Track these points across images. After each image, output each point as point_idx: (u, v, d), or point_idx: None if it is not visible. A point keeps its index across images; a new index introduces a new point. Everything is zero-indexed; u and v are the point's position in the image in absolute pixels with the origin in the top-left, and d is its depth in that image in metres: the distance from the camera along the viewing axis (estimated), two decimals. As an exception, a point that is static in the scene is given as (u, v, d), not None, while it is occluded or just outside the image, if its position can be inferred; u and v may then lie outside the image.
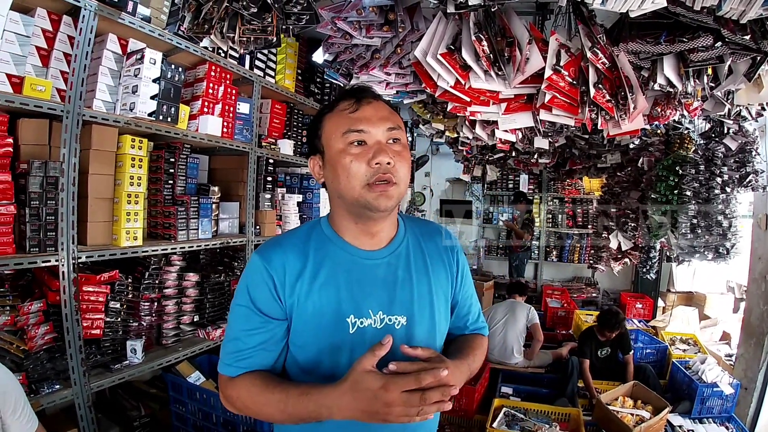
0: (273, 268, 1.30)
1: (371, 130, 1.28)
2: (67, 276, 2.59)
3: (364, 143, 1.28)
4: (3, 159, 2.42)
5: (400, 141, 1.32)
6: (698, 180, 4.04)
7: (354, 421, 1.26)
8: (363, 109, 1.30)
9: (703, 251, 4.10)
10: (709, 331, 6.45)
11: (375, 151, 1.25)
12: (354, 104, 1.31)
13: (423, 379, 1.07)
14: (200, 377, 3.30)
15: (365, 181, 1.25)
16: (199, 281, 3.66)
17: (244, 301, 1.31)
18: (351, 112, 1.30)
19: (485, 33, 2.51)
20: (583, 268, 9.14)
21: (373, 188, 1.25)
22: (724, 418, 4.30)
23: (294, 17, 2.53)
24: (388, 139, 1.29)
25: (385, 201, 1.26)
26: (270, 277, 1.29)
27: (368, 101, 1.32)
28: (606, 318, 4.81)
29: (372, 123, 1.28)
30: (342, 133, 1.28)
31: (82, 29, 2.59)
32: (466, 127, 3.84)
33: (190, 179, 3.61)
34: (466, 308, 1.57)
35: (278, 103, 4.37)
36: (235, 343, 1.30)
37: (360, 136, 1.27)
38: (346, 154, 1.27)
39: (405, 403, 1.06)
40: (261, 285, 1.30)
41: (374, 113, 1.30)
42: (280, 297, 1.29)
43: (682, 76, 2.55)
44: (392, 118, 1.32)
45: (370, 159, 1.25)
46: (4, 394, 1.83)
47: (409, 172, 1.34)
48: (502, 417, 3.85)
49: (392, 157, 1.26)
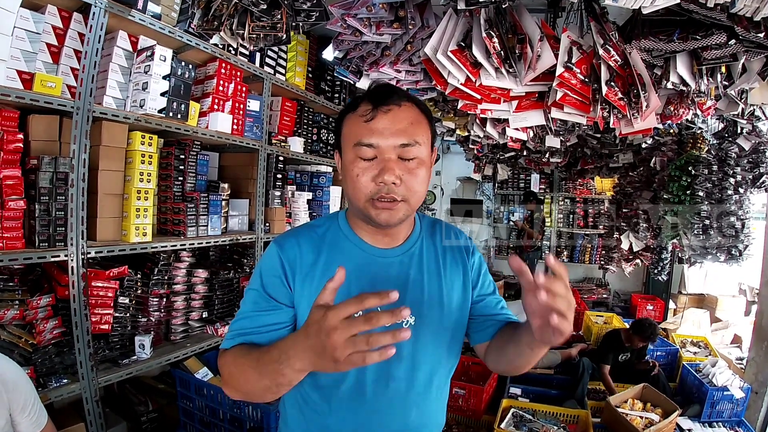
0: (286, 256, 1.32)
1: (381, 144, 1.23)
2: (76, 271, 2.61)
3: (374, 158, 1.24)
4: (13, 155, 2.43)
5: (416, 158, 1.26)
6: (711, 180, 3.99)
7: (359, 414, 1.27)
8: (378, 119, 1.24)
9: (716, 253, 4.05)
10: (720, 333, 6.42)
11: (381, 170, 1.22)
12: (371, 111, 1.25)
13: (364, 298, 0.93)
14: (208, 373, 3.31)
15: (369, 196, 1.24)
16: (208, 278, 3.66)
17: (256, 285, 1.33)
18: (366, 121, 1.25)
19: (496, 30, 2.50)
20: (594, 269, 9.11)
21: (375, 204, 1.24)
22: (734, 422, 4.26)
23: (304, 14, 2.54)
24: (400, 155, 1.24)
25: (387, 217, 1.25)
26: (282, 263, 1.31)
27: (387, 109, 1.25)
28: (642, 326, 4.74)
29: (383, 137, 1.23)
30: (353, 144, 1.26)
31: (93, 26, 2.60)
32: (476, 125, 3.82)
33: (200, 176, 3.62)
34: (495, 301, 1.52)
35: (288, 101, 4.37)
36: (239, 322, 1.30)
37: (369, 151, 1.24)
38: (354, 167, 1.25)
39: (347, 328, 0.91)
40: (273, 270, 1.32)
41: (389, 125, 1.24)
42: (290, 284, 1.31)
43: (695, 75, 2.52)
44: (410, 131, 1.25)
45: (376, 176, 1.23)
46: (14, 391, 1.83)
47: (425, 184, 1.30)
48: (510, 418, 3.82)
49: (401, 175, 1.23)
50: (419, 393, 1.36)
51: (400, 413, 1.34)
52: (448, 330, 1.40)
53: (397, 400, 1.34)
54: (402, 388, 1.33)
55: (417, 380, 1.35)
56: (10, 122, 2.46)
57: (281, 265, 1.32)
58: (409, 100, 1.30)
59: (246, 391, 1.21)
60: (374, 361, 0.92)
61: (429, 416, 1.42)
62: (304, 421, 1.39)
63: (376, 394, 1.32)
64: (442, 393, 1.48)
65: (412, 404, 1.35)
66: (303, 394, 1.37)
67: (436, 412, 1.46)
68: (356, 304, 0.92)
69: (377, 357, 0.91)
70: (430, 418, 1.43)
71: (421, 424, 1.39)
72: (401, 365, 1.32)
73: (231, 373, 1.23)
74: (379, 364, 1.16)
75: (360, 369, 1.26)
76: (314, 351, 0.97)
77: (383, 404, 1.33)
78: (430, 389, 1.39)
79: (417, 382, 1.35)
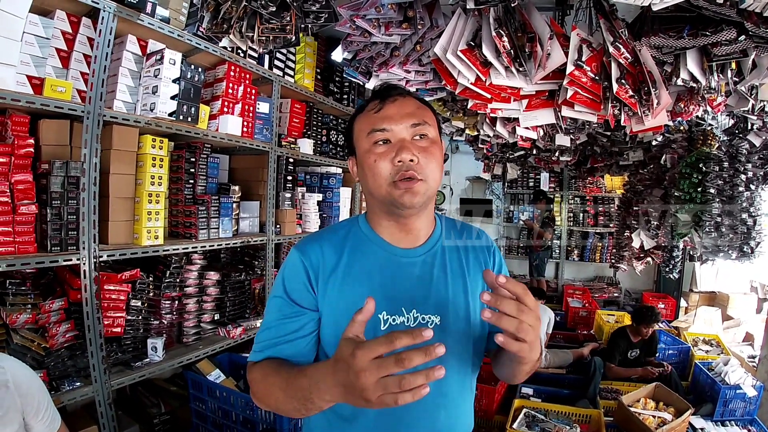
0: (309, 261, 1.33)
1: (394, 128, 1.29)
2: (88, 274, 2.61)
3: (389, 141, 1.29)
4: (24, 159, 2.44)
5: (427, 136, 1.32)
6: (722, 177, 3.97)
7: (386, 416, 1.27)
8: (387, 108, 1.31)
9: (727, 250, 4.02)
10: (732, 331, 6.38)
11: (398, 149, 1.26)
12: (378, 104, 1.33)
13: (395, 338, 0.90)
14: (220, 375, 3.31)
15: (390, 179, 1.27)
16: (219, 280, 3.67)
17: (279, 292, 1.34)
18: (375, 112, 1.32)
19: (505, 29, 2.49)
20: (605, 268, 9.08)
21: (398, 186, 1.26)
22: (746, 420, 4.25)
23: (313, 16, 2.53)
24: (413, 135, 1.30)
25: (410, 198, 1.26)
26: (305, 268, 1.32)
27: (393, 99, 1.33)
28: (642, 313, 4.81)
29: (395, 121, 1.29)
30: (367, 134, 1.31)
31: (102, 31, 2.61)
32: (486, 124, 3.81)
33: (211, 179, 3.63)
34: None
35: (298, 103, 4.37)
36: (266, 332, 1.31)
37: (383, 135, 1.29)
38: (371, 154, 1.29)
39: (377, 370, 0.89)
40: (296, 276, 1.33)
41: (398, 110, 1.31)
42: (314, 288, 1.31)
43: (706, 71, 2.50)
44: (418, 113, 1.32)
45: (393, 157, 1.26)
46: (27, 395, 1.82)
47: (439, 166, 1.33)
48: (522, 418, 3.82)
49: (416, 153, 1.26)
50: (446, 394, 1.34)
51: (428, 416, 1.32)
52: (474, 329, 1.39)
53: (425, 402, 1.31)
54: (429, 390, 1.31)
55: (444, 381, 1.32)
56: (20, 127, 2.48)
57: (304, 270, 1.32)
58: (411, 95, 1.39)
59: (275, 408, 1.24)
60: (407, 402, 0.90)
61: (457, 418, 1.39)
62: (328, 425, 1.38)
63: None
64: (470, 394, 1.46)
65: (440, 406, 1.33)
66: None
67: (465, 413, 1.43)
68: (386, 344, 0.91)
69: (410, 398, 0.90)
70: (459, 420, 1.40)
71: (450, 426, 1.37)
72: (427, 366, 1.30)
73: (260, 390, 1.25)
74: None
75: None
76: (344, 387, 0.97)
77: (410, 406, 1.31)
78: (457, 390, 1.38)
79: (444, 384, 1.29)
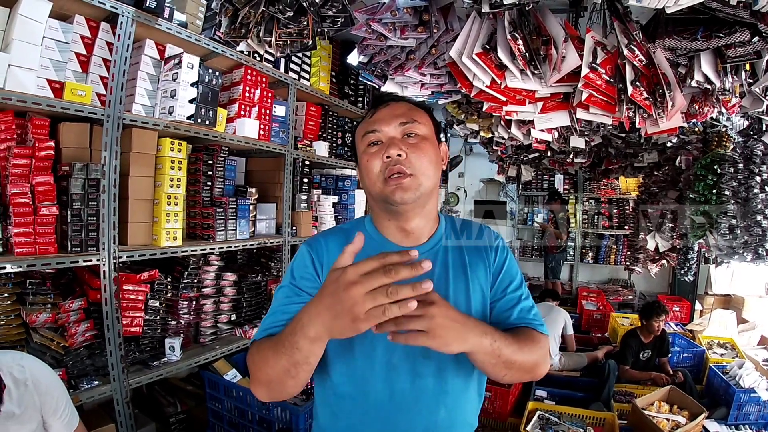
0: (315, 253, 1.40)
1: (384, 128, 1.35)
2: (107, 275, 2.66)
3: (380, 142, 1.35)
4: (45, 162, 2.49)
5: (418, 134, 1.36)
6: (737, 179, 3.94)
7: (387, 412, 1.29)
8: (379, 112, 1.39)
9: (742, 252, 4.00)
10: (747, 335, 6.31)
11: (386, 147, 1.32)
12: (372, 110, 1.42)
13: (385, 255, 0.94)
14: (237, 375, 3.34)
15: (381, 176, 1.32)
16: (236, 281, 3.72)
17: (286, 281, 1.40)
18: (369, 117, 1.41)
19: (520, 32, 2.49)
20: (620, 270, 8.98)
21: (388, 182, 1.30)
22: (761, 424, 4.21)
23: (329, 20, 2.55)
24: (402, 133, 1.35)
25: (401, 193, 1.29)
26: (311, 259, 1.39)
27: (386, 104, 1.41)
28: (648, 309, 4.79)
29: (385, 122, 1.36)
30: (362, 137, 1.40)
31: (120, 35, 2.66)
32: (501, 126, 3.82)
33: (228, 181, 3.68)
34: (512, 302, 1.43)
35: (313, 105, 4.42)
36: (270, 317, 1.33)
37: (375, 136, 1.36)
38: (365, 155, 1.36)
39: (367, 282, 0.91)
40: (303, 266, 1.39)
41: (389, 113, 1.38)
42: (320, 277, 1.37)
43: (720, 73, 2.51)
44: (408, 114, 1.37)
45: (383, 154, 1.31)
46: (46, 394, 1.84)
47: (433, 163, 1.34)
48: (536, 420, 3.81)
49: (404, 148, 1.30)
50: (447, 392, 1.35)
51: (428, 412, 1.33)
52: None
53: (425, 399, 1.33)
54: (429, 386, 1.32)
55: (445, 379, 1.34)
56: (41, 130, 2.53)
57: (312, 261, 1.39)
58: (405, 99, 1.46)
59: (267, 380, 1.19)
60: (394, 315, 0.91)
61: (458, 415, 1.39)
62: (333, 417, 1.40)
63: (404, 391, 1.31)
64: (474, 393, 1.45)
65: (440, 403, 1.34)
66: (333, 387, 1.36)
67: (467, 412, 1.43)
68: (377, 261, 0.94)
69: (397, 310, 0.90)
70: (460, 418, 1.40)
71: (450, 423, 1.37)
72: (429, 363, 1.31)
73: (254, 362, 1.24)
74: (407, 363, 1.23)
75: (388, 367, 1.29)
76: (331, 311, 0.97)
77: (411, 402, 1.33)
78: (459, 389, 1.38)
79: (444, 381, 1.34)
